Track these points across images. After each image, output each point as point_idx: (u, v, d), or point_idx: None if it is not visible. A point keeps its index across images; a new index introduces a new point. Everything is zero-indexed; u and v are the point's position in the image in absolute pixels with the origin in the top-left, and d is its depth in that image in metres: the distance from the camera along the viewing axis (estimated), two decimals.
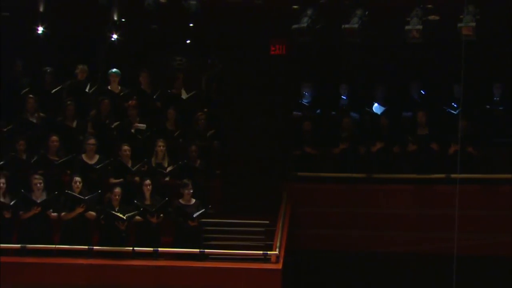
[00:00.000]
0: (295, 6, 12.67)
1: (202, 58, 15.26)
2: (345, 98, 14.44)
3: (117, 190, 12.34)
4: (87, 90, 13.98)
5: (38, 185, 12.18)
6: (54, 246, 12.15)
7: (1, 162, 12.83)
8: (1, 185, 12.17)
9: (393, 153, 13.56)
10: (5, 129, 13.47)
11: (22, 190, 12.14)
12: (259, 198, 13.46)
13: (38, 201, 12.10)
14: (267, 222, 12.93)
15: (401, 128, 13.81)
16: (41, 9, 13.92)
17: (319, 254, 13.13)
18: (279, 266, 12.05)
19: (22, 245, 12.04)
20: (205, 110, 14.11)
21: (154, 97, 14.22)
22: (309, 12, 12.23)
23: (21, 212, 12.14)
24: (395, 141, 13.57)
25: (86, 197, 12.16)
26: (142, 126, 13.58)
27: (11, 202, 12.11)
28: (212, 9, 13.00)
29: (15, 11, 14.23)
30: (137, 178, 12.84)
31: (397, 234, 13.36)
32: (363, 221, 13.44)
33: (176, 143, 13.65)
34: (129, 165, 12.95)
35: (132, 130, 13.52)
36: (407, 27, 11.97)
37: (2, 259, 12.00)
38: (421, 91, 14.39)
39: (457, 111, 13.74)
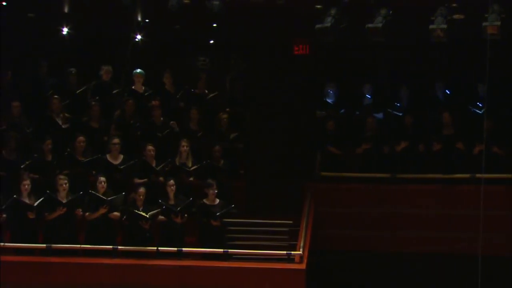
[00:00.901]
0: (318, 6, 12.64)
1: (225, 58, 15.29)
2: (369, 97, 14.40)
3: (141, 190, 12.38)
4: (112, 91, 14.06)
5: (64, 185, 12.23)
6: (79, 246, 12.20)
7: (26, 163, 12.91)
8: (26, 186, 12.24)
9: (417, 153, 13.50)
10: (28, 130, 13.55)
11: (48, 191, 12.20)
12: (282, 198, 13.46)
13: (64, 202, 12.17)
14: (291, 222, 12.92)
15: (426, 127, 13.74)
16: (65, 10, 14.02)
17: (343, 254, 13.12)
18: (303, 266, 12.03)
19: (48, 245, 12.11)
20: (228, 110, 14.12)
21: (178, 97, 14.26)
22: (332, 11, 12.20)
23: (46, 213, 12.21)
24: (420, 140, 13.50)
25: (109, 198, 12.20)
26: (174, 123, 13.65)
27: (35, 203, 12.19)
28: (235, 9, 13.00)
29: (40, 12, 14.34)
30: (161, 178, 12.88)
31: (421, 234, 13.31)
32: (387, 221, 13.40)
33: (200, 143, 13.67)
34: (154, 165, 12.99)
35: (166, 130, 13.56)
36: (431, 26, 11.90)
37: (27, 259, 12.09)
38: (446, 91, 14.32)
39: (482, 110, 13.66)
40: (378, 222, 13.37)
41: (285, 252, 12.26)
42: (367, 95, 14.41)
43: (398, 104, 14.22)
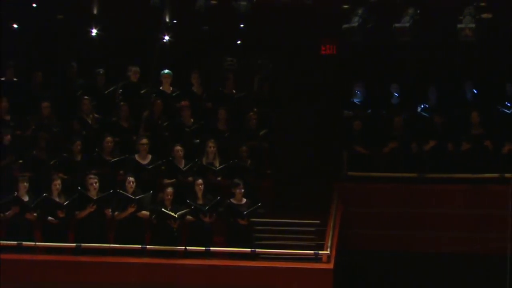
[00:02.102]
0: (345, 6, 12.65)
1: (252, 59, 15.32)
2: (397, 96, 14.35)
3: (169, 190, 12.45)
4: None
5: (94, 184, 12.34)
6: (108, 245, 12.30)
7: (55, 162, 13.04)
8: (57, 186, 12.36)
9: (446, 152, 13.44)
10: (56, 129, 13.69)
11: (79, 188, 12.31)
12: (309, 197, 13.45)
13: (94, 199, 12.27)
14: (318, 221, 12.92)
15: (454, 127, 13.68)
16: (94, 11, 14.15)
17: (370, 254, 13.09)
18: (331, 266, 12.02)
19: (77, 244, 12.22)
20: (255, 110, 14.15)
21: (205, 97, 14.32)
22: (359, 11, 12.20)
23: (77, 212, 12.32)
24: (449, 140, 13.45)
25: (137, 197, 12.29)
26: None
27: (65, 202, 12.30)
28: (262, 9, 13.05)
29: (70, 13, 14.49)
30: (190, 178, 12.95)
31: (449, 234, 13.25)
32: (414, 221, 13.36)
33: (227, 144, 13.72)
34: (182, 165, 13.06)
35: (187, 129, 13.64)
36: (459, 26, 11.87)
37: (57, 257, 12.21)
38: (474, 90, 14.24)
39: (511, 110, 13.56)
40: (405, 222, 13.32)
41: (312, 251, 12.26)
42: (395, 94, 14.35)
43: (426, 105, 14.15)
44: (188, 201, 12.42)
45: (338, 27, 12.22)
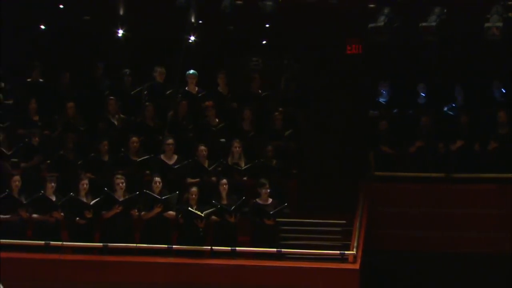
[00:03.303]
0: (371, 5, 12.61)
1: (278, 59, 15.31)
2: (423, 96, 14.28)
3: (194, 189, 12.48)
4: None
5: (121, 184, 12.39)
6: (134, 245, 12.34)
7: (82, 162, 13.12)
8: (85, 186, 12.43)
9: (473, 152, 13.35)
10: (82, 128, 13.76)
11: (105, 188, 12.38)
12: (335, 197, 13.43)
13: (120, 200, 12.33)
14: (344, 221, 12.89)
15: (482, 126, 13.58)
16: (121, 12, 14.22)
17: (396, 254, 13.04)
18: (357, 266, 11.97)
19: (104, 243, 12.28)
20: (281, 110, 14.15)
21: (230, 97, 14.34)
22: (386, 10, 12.15)
23: (103, 212, 12.39)
24: (476, 139, 13.35)
25: (163, 197, 12.33)
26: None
27: (92, 202, 12.37)
28: (287, 9, 13.03)
29: (96, 14, 14.57)
30: (213, 178, 12.97)
31: (476, 234, 13.17)
32: (441, 221, 13.29)
33: (252, 144, 13.73)
34: (206, 165, 13.09)
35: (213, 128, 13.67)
36: (486, 25, 11.79)
37: (84, 257, 12.28)
38: (502, 89, 14.14)
39: None
40: (432, 222, 13.26)
41: (338, 252, 12.22)
42: (421, 94, 14.29)
43: (453, 104, 14.07)
44: (213, 201, 12.44)
45: (364, 26, 12.18)
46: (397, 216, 13.37)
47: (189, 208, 12.29)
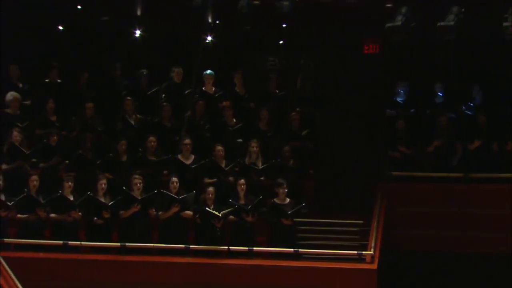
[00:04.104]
0: (389, 5, 12.57)
1: (295, 58, 15.30)
2: (441, 95, 14.23)
3: (211, 189, 12.50)
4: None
5: (138, 184, 12.43)
6: (152, 244, 12.37)
7: (100, 162, 13.16)
8: (103, 185, 12.48)
9: (491, 152, 13.29)
10: (100, 128, 13.80)
11: (124, 188, 12.42)
12: (353, 197, 13.41)
13: (139, 198, 12.36)
14: (361, 222, 12.87)
15: (500, 126, 13.51)
16: (138, 13, 14.26)
17: (414, 254, 13.00)
18: (374, 266, 11.94)
19: (122, 243, 12.32)
20: (298, 110, 14.14)
21: (247, 97, 14.34)
22: (403, 10, 12.11)
23: (121, 212, 12.42)
24: (494, 139, 13.28)
25: (180, 197, 12.35)
26: None
27: (110, 202, 12.41)
28: (304, 9, 13.02)
29: (114, 15, 14.63)
30: (231, 178, 12.98)
31: (494, 234, 13.09)
32: (459, 221, 13.23)
33: (270, 143, 13.73)
34: (223, 165, 13.10)
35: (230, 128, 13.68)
36: (505, 24, 11.72)
37: (102, 257, 12.32)
38: None
39: None
40: (450, 222, 13.21)
41: (356, 252, 12.20)
42: (439, 94, 14.23)
43: (471, 104, 14.01)
44: (230, 200, 12.45)
45: (382, 26, 12.14)
46: (415, 216, 13.33)
47: (207, 208, 12.30)
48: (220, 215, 12.26)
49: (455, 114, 14.00)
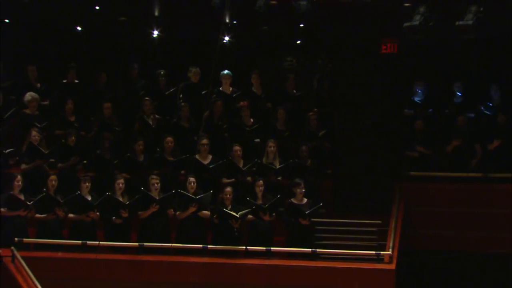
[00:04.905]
0: (407, 4, 12.53)
1: (312, 58, 15.28)
2: (459, 95, 14.16)
3: (228, 189, 12.50)
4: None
5: (156, 185, 12.46)
6: (170, 244, 12.39)
7: (117, 162, 13.20)
8: (121, 185, 12.51)
9: (510, 152, 13.19)
10: (118, 128, 13.85)
11: (142, 188, 12.44)
12: (371, 197, 13.37)
13: (157, 198, 12.38)
14: (379, 222, 12.80)
15: None
16: (156, 13, 14.30)
17: (433, 254, 12.94)
18: (393, 266, 11.90)
19: (140, 243, 12.35)
20: (315, 109, 14.12)
21: (265, 97, 14.33)
22: (421, 9, 12.06)
23: (140, 212, 12.46)
24: None
25: (197, 197, 12.36)
26: None
27: (128, 202, 12.44)
28: (322, 9, 13.01)
29: (131, 15, 14.67)
30: (249, 178, 12.98)
31: None
32: (478, 221, 13.16)
33: (287, 143, 13.71)
34: (241, 165, 13.10)
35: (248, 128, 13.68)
36: None
37: (120, 256, 12.35)
38: None
39: None
40: (469, 222, 13.15)
41: (374, 252, 12.16)
42: (457, 93, 14.16)
43: (490, 104, 13.93)
44: (247, 199, 12.44)
45: (399, 25, 12.10)
46: (433, 216, 13.27)
47: (224, 209, 12.30)
48: (237, 215, 12.26)
49: (474, 113, 13.93)
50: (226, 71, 14.22)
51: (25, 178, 12.58)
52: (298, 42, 15.44)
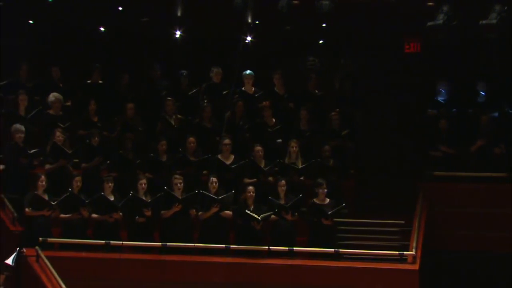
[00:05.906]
0: (430, 3, 12.47)
1: (335, 58, 15.24)
2: (483, 94, 14.06)
3: (251, 188, 12.51)
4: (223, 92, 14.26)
5: (179, 184, 12.49)
6: (193, 244, 12.42)
7: (139, 162, 13.25)
8: (143, 185, 12.56)
9: None
10: (141, 128, 13.89)
11: (165, 187, 12.48)
12: (394, 198, 13.30)
13: (180, 198, 12.41)
14: (403, 222, 12.76)
15: None
16: (178, 13, 14.33)
17: (457, 254, 12.86)
18: (416, 266, 11.85)
19: (163, 243, 12.38)
20: (338, 109, 14.09)
21: (287, 97, 14.32)
22: (445, 8, 12.00)
23: (162, 212, 12.49)
24: None
25: (219, 197, 12.38)
26: None
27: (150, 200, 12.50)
28: (344, 8, 12.97)
29: (154, 16, 14.72)
30: (270, 178, 12.98)
31: None
32: (502, 221, 13.05)
33: (309, 143, 13.69)
34: (262, 165, 13.10)
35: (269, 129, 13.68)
36: None
37: (143, 256, 12.39)
38: None
39: None
40: (493, 222, 13.05)
41: (397, 252, 12.11)
42: (481, 93, 14.06)
43: None
44: (270, 198, 12.43)
45: (423, 24, 12.04)
46: (457, 216, 13.19)
47: (246, 211, 12.30)
48: (259, 218, 12.24)
49: (498, 113, 13.83)
50: (248, 71, 14.23)
51: (49, 178, 12.67)
52: (321, 42, 15.41)
